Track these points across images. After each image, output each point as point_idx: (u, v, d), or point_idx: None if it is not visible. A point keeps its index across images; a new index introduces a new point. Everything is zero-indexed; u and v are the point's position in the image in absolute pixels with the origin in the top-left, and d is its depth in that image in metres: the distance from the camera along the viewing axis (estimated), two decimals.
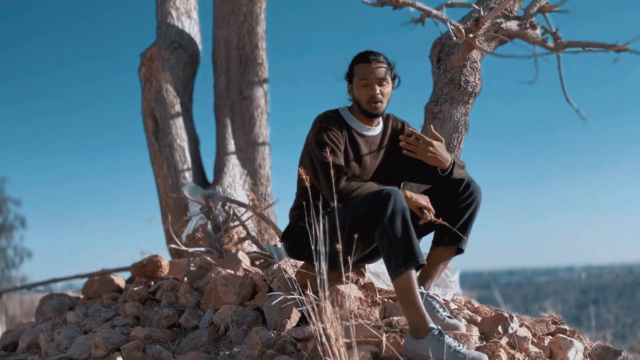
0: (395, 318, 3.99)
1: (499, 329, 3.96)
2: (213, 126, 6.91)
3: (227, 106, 6.81)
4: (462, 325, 3.92)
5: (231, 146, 6.70)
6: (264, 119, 6.85)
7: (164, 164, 6.48)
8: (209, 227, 5.92)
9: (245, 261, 4.99)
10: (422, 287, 4.04)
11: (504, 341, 3.92)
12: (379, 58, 4.05)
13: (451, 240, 4.10)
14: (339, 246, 3.47)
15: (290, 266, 4.42)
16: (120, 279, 5.48)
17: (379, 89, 4.03)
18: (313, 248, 3.60)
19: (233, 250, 5.66)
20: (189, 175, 6.48)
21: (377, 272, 4.50)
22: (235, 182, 6.55)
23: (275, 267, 4.41)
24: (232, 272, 4.63)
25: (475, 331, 3.95)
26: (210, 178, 6.75)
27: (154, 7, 7.00)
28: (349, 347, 3.46)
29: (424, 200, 3.85)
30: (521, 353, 3.90)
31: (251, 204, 6.23)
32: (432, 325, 3.54)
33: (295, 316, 3.98)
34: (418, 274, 3.88)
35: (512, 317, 4.01)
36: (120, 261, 5.97)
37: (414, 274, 3.62)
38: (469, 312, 4.25)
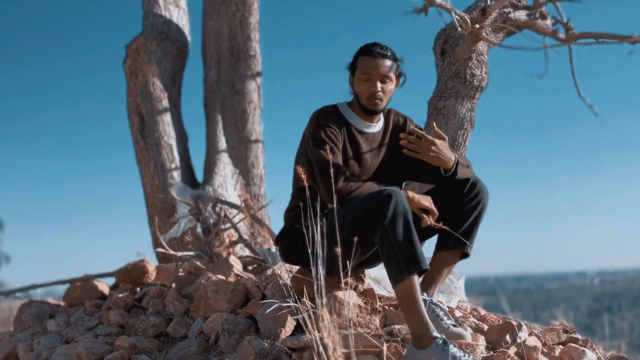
0: (397, 326, 3.99)
1: (507, 338, 3.96)
2: (203, 123, 6.91)
3: (218, 101, 6.81)
4: (468, 334, 3.92)
5: (222, 144, 6.70)
6: (257, 114, 6.85)
7: (151, 162, 6.47)
8: (199, 229, 5.92)
9: (237, 266, 4.99)
10: (425, 294, 4.04)
11: (512, 351, 3.92)
12: (386, 53, 4.05)
13: (456, 244, 4.10)
14: (337, 250, 3.47)
15: (285, 271, 4.42)
16: (104, 285, 5.47)
17: (380, 86, 4.03)
18: (309, 252, 3.61)
19: (224, 254, 5.65)
20: (177, 175, 6.47)
21: (378, 277, 4.50)
22: (227, 182, 6.55)
23: (269, 272, 4.41)
24: (223, 277, 4.63)
25: (482, 340, 3.95)
26: (199, 178, 6.75)
27: None
28: (347, 357, 3.47)
29: (426, 202, 3.85)
30: None
31: (243, 205, 6.23)
32: (435, 334, 3.55)
33: (290, 325, 3.99)
34: (421, 279, 3.89)
35: (520, 326, 4.02)
36: (104, 266, 5.97)
37: (417, 280, 3.62)
38: (475, 320, 4.25)
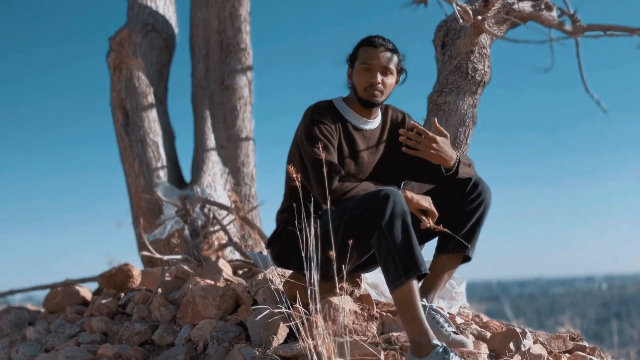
0: (395, 334, 3.99)
1: (511, 345, 3.97)
2: (190, 119, 6.91)
3: (207, 97, 6.81)
4: (470, 341, 3.93)
5: (211, 141, 6.70)
6: (247, 110, 6.85)
7: (136, 161, 6.47)
8: (186, 232, 5.91)
9: (227, 270, 4.99)
10: (424, 299, 4.04)
11: (516, 359, 3.93)
12: (388, 45, 4.06)
13: (457, 247, 4.10)
14: (332, 253, 3.48)
15: (277, 276, 4.42)
16: (87, 291, 5.47)
17: (380, 78, 4.03)
18: (303, 255, 3.61)
19: (213, 258, 5.65)
20: (163, 174, 6.47)
21: (375, 282, 4.51)
22: (216, 182, 6.55)
23: (260, 277, 4.41)
24: (212, 282, 4.63)
25: (484, 348, 3.96)
26: (187, 177, 6.74)
27: None
28: None
29: (426, 202, 3.85)
30: None
31: (233, 206, 6.23)
32: (435, 341, 3.55)
33: (282, 332, 3.99)
34: (420, 284, 3.89)
35: (525, 333, 4.02)
36: (87, 270, 5.95)
37: (416, 285, 3.62)
38: (477, 327, 4.26)
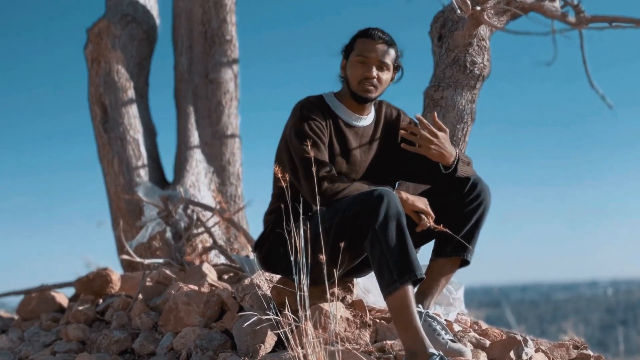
0: (389, 342, 4.00)
1: (511, 354, 3.97)
2: (173, 115, 6.90)
3: (190, 91, 6.80)
4: (468, 350, 3.93)
5: (194, 139, 6.69)
6: (233, 106, 6.85)
7: (115, 159, 6.46)
8: (168, 234, 5.91)
9: (211, 275, 4.98)
10: (420, 306, 4.05)
11: None
12: (386, 38, 4.06)
13: (454, 250, 4.11)
14: (322, 257, 3.48)
15: (264, 281, 4.42)
16: (63, 296, 5.46)
17: (376, 72, 4.03)
18: (292, 259, 3.60)
19: (197, 262, 5.65)
20: (144, 173, 6.46)
21: (367, 287, 4.51)
22: (200, 182, 6.54)
23: (246, 282, 4.41)
24: (196, 288, 4.63)
25: (483, 357, 3.96)
26: (169, 177, 6.74)
27: None
28: None
29: (422, 203, 3.86)
30: None
31: (218, 207, 6.23)
32: (432, 350, 3.55)
33: (270, 340, 3.99)
34: (416, 289, 3.89)
35: (526, 341, 4.03)
36: (63, 275, 5.95)
37: (411, 290, 3.62)
38: (476, 335, 4.26)
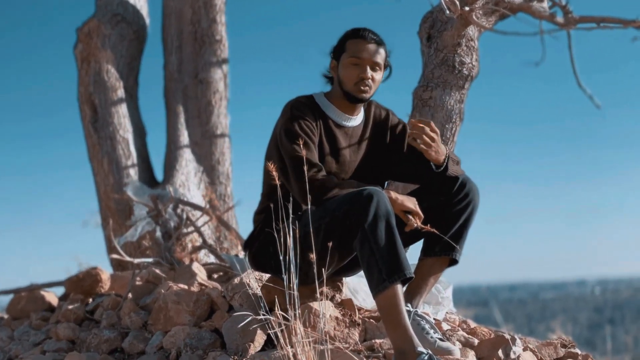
0: (378, 341, 4.00)
1: (500, 353, 3.98)
2: (163, 115, 6.89)
3: (180, 91, 6.80)
4: (457, 349, 3.94)
5: (184, 138, 6.69)
6: (223, 106, 6.85)
7: (105, 159, 6.45)
8: (158, 233, 5.90)
9: (201, 274, 4.98)
10: (409, 305, 4.05)
11: None
12: (378, 39, 4.08)
13: (443, 250, 4.12)
14: (312, 256, 3.48)
15: (254, 280, 4.42)
16: (52, 296, 5.45)
17: (370, 73, 4.04)
18: (281, 258, 3.61)
19: (186, 261, 5.65)
20: (133, 173, 6.46)
21: (355, 288, 4.51)
22: (189, 181, 6.54)
23: (236, 281, 4.41)
24: (186, 287, 4.62)
25: (472, 356, 3.97)
26: (159, 176, 6.73)
27: None
28: None
29: (411, 203, 3.86)
30: None
31: (208, 206, 6.22)
32: (420, 349, 3.56)
33: (260, 339, 3.99)
34: (404, 289, 3.90)
35: (514, 340, 4.04)
36: (52, 274, 5.94)
37: (400, 289, 3.63)
38: (464, 334, 4.27)
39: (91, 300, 5.19)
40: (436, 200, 4.07)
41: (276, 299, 3.89)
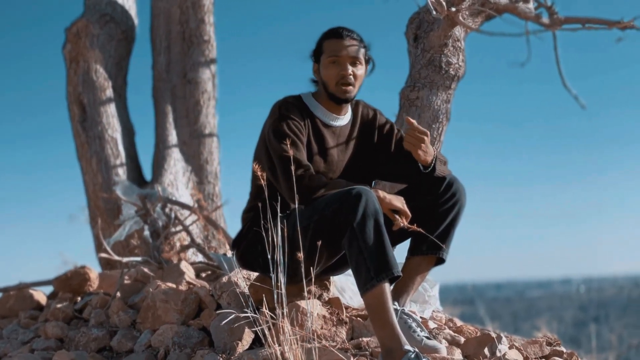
0: (365, 339, 4.00)
1: (485, 351, 3.99)
2: (151, 114, 6.88)
3: (168, 91, 6.79)
4: (443, 347, 3.94)
5: (173, 138, 6.68)
6: (211, 105, 6.84)
7: (93, 158, 6.44)
8: (146, 232, 5.89)
9: (189, 273, 4.98)
10: (396, 303, 4.06)
11: None
12: (353, 35, 4.08)
13: (430, 249, 4.12)
14: (300, 255, 3.48)
15: (242, 279, 4.42)
16: (41, 294, 5.44)
17: (351, 69, 4.04)
18: (269, 257, 3.61)
19: (175, 260, 5.64)
20: (122, 172, 6.44)
21: (343, 287, 4.51)
22: (178, 180, 6.53)
23: (224, 279, 4.40)
24: (174, 286, 4.62)
25: (458, 354, 3.98)
26: (147, 175, 6.72)
27: None
28: None
29: (399, 202, 3.86)
30: None
31: (196, 205, 6.22)
32: (407, 347, 3.56)
33: (248, 337, 3.98)
34: (392, 287, 3.90)
35: (500, 338, 4.05)
36: (41, 273, 5.92)
37: (388, 288, 3.63)
38: (451, 332, 4.28)
39: (80, 299, 5.18)
40: (423, 200, 4.07)
41: (264, 298, 3.89)
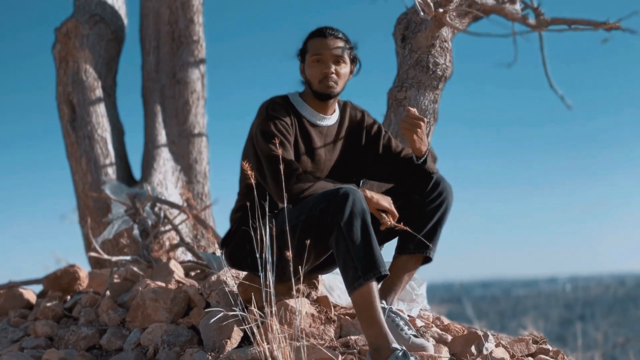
0: (353, 337, 4.00)
1: (472, 349, 3.99)
2: (140, 114, 6.87)
3: (157, 91, 6.78)
4: (430, 345, 3.95)
5: (162, 137, 6.66)
6: (200, 105, 6.83)
7: (83, 158, 6.42)
8: (136, 231, 5.88)
9: (179, 272, 4.97)
10: (384, 302, 4.06)
11: None
12: (337, 34, 4.08)
13: (417, 248, 4.13)
14: (289, 254, 3.48)
15: (231, 277, 4.41)
16: (31, 293, 5.42)
17: (334, 68, 4.05)
18: (258, 256, 3.60)
19: (164, 259, 5.63)
20: (111, 172, 6.43)
21: (331, 286, 4.51)
22: (167, 180, 6.52)
23: (213, 278, 4.40)
24: (163, 284, 4.61)
25: (445, 352, 3.98)
26: (137, 175, 6.71)
27: None
28: None
29: (386, 202, 3.87)
30: None
31: (185, 204, 6.21)
32: (395, 345, 3.56)
33: (236, 336, 3.98)
34: (379, 286, 3.90)
35: (487, 336, 4.05)
36: (30, 272, 5.90)
37: (375, 286, 3.63)
38: (438, 330, 4.28)
39: (69, 297, 5.17)
40: (410, 199, 4.08)
41: (253, 296, 3.89)
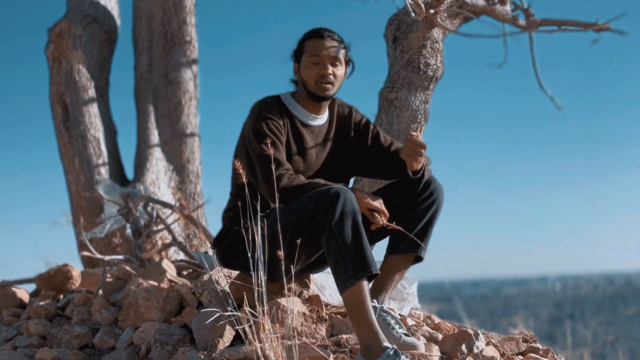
0: (345, 336, 4.00)
1: (463, 348, 4.00)
2: (133, 114, 6.86)
3: (150, 91, 6.77)
4: (421, 344, 3.95)
5: (154, 137, 6.66)
6: (192, 105, 6.82)
7: (76, 157, 6.41)
8: (128, 231, 5.87)
9: (171, 271, 4.96)
10: (375, 301, 4.06)
11: None
12: (334, 36, 4.08)
13: (408, 247, 4.12)
14: (280, 253, 3.48)
15: (223, 277, 4.41)
16: (24, 292, 5.41)
17: (331, 69, 4.05)
18: (250, 256, 3.60)
19: (156, 258, 5.62)
20: (104, 171, 6.42)
21: (323, 285, 4.51)
22: (159, 179, 6.51)
23: (205, 278, 4.39)
24: (155, 283, 4.61)
25: (436, 351, 3.98)
26: (129, 174, 6.70)
27: None
28: None
29: (377, 202, 3.87)
30: None
31: (178, 204, 6.20)
32: (386, 344, 3.56)
33: (229, 335, 3.98)
34: (371, 285, 3.90)
35: (477, 335, 4.05)
36: (23, 271, 5.89)
37: (366, 286, 3.63)
38: (429, 329, 4.28)
39: (62, 296, 5.16)
40: (402, 199, 4.08)
41: (245, 296, 3.88)
